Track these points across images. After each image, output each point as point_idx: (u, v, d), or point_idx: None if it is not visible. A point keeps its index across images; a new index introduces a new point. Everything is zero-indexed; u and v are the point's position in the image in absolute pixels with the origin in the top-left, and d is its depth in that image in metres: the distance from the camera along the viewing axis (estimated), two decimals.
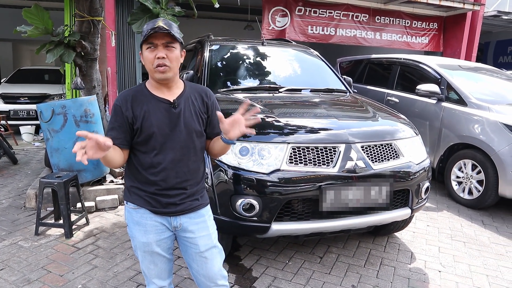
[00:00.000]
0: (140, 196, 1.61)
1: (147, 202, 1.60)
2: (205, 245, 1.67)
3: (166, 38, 1.51)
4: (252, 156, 2.38)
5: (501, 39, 12.66)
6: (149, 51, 1.52)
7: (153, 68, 1.52)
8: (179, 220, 1.63)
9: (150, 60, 1.52)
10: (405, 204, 2.74)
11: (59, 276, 2.65)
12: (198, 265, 1.69)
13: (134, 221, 1.64)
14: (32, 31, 3.66)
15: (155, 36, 1.49)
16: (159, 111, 1.57)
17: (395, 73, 5.66)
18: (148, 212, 1.61)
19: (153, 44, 1.51)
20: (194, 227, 1.65)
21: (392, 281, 2.74)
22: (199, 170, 1.68)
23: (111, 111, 1.60)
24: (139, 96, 1.58)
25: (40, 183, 3.29)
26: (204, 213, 1.70)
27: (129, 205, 1.65)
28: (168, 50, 1.52)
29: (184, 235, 1.67)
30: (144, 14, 3.38)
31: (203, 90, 1.71)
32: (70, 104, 3.86)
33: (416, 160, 2.78)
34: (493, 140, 4.00)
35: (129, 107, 1.55)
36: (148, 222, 1.61)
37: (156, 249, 1.64)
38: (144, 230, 1.62)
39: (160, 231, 1.63)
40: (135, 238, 1.65)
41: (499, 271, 2.95)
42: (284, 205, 2.36)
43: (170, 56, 1.52)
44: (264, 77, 3.61)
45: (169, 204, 1.60)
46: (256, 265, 2.86)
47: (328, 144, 2.46)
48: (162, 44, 1.51)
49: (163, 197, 1.59)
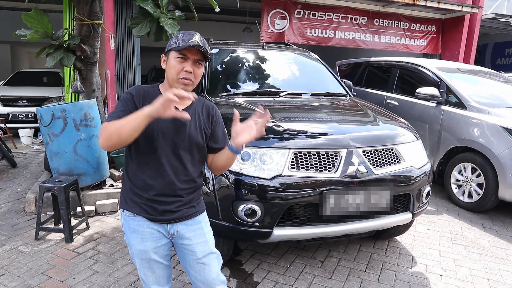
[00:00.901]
0: (137, 204, 1.60)
1: (144, 210, 1.60)
2: (202, 252, 1.67)
3: (199, 55, 1.52)
4: (254, 162, 2.38)
5: (499, 41, 12.71)
6: (178, 61, 1.51)
7: (177, 78, 1.52)
8: (175, 227, 1.64)
9: (177, 70, 1.51)
10: (406, 208, 2.74)
11: (60, 281, 2.64)
12: (196, 271, 1.69)
13: (130, 229, 1.64)
14: (32, 34, 3.65)
15: (189, 50, 1.50)
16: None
17: (395, 76, 5.68)
18: (145, 220, 1.61)
19: (185, 57, 1.51)
20: (191, 234, 1.66)
21: (394, 285, 2.74)
22: (196, 179, 1.67)
23: (122, 97, 1.56)
24: (151, 95, 1.56)
25: (40, 187, 3.27)
26: (201, 220, 1.71)
27: (125, 212, 1.64)
28: (196, 67, 1.53)
29: (181, 242, 1.67)
30: (144, 18, 3.38)
31: (210, 105, 1.72)
32: (70, 108, 3.85)
33: (417, 165, 2.79)
34: (493, 144, 4.01)
35: (140, 100, 1.54)
36: (145, 230, 1.61)
37: (153, 256, 1.64)
38: (141, 237, 1.62)
39: (157, 239, 1.63)
40: (132, 246, 1.65)
41: (500, 275, 2.96)
42: (286, 210, 2.36)
43: (197, 73, 1.54)
44: (264, 81, 3.61)
45: (165, 211, 1.60)
46: (257, 270, 2.85)
47: (329, 149, 2.46)
48: (193, 59, 1.51)
49: (159, 204, 1.59)
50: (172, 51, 1.52)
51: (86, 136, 3.85)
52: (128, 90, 1.58)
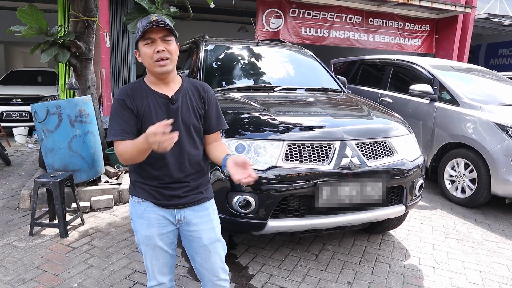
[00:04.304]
0: (144, 190, 1.62)
1: (151, 195, 1.61)
2: (209, 238, 1.68)
3: (163, 31, 1.53)
4: (248, 153, 2.40)
5: (492, 41, 12.84)
6: (147, 46, 1.53)
7: (153, 62, 1.53)
8: (183, 213, 1.64)
9: (150, 55, 1.53)
10: (399, 201, 2.77)
11: (54, 275, 2.63)
12: (202, 258, 1.69)
13: (137, 215, 1.65)
14: (26, 31, 3.65)
15: (151, 30, 1.51)
16: (158, 106, 1.58)
17: (389, 73, 5.72)
18: (152, 205, 1.62)
19: (151, 39, 1.52)
20: (198, 220, 1.66)
21: (387, 277, 2.76)
22: (201, 163, 1.68)
23: (114, 106, 1.58)
24: (138, 91, 1.59)
25: (35, 182, 3.27)
26: (208, 207, 1.71)
27: (133, 198, 1.66)
28: (166, 43, 1.54)
29: (187, 229, 1.67)
30: (139, 13, 3.39)
31: (200, 85, 1.71)
32: (65, 104, 3.84)
33: (410, 158, 2.82)
34: (485, 139, 4.05)
35: (131, 100, 1.56)
36: (151, 216, 1.62)
37: (158, 243, 1.64)
38: (147, 223, 1.62)
39: (163, 225, 1.63)
40: (138, 232, 1.66)
41: (492, 267, 2.99)
42: (280, 202, 2.38)
43: (169, 49, 1.54)
44: (259, 77, 3.64)
45: (172, 196, 1.61)
46: (252, 263, 2.87)
47: (323, 141, 2.48)
48: (159, 38, 1.52)
49: (166, 190, 1.60)
50: (139, 42, 1.55)
51: (81, 132, 3.84)
52: (116, 96, 1.58)
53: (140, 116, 1.56)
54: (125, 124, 1.54)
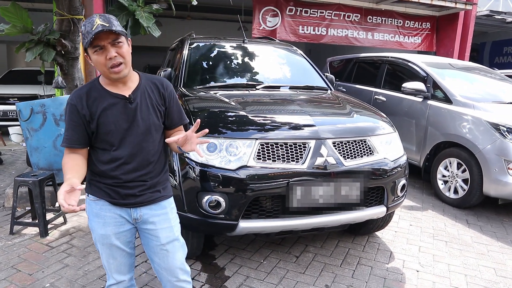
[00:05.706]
0: (100, 188, 1.59)
1: (106, 194, 1.58)
2: (166, 238, 1.65)
3: (111, 36, 1.45)
4: (220, 153, 2.34)
5: (497, 39, 12.62)
6: (97, 54, 1.46)
7: (107, 69, 1.48)
8: (139, 211, 1.61)
9: (102, 63, 1.47)
10: (379, 202, 2.69)
11: (28, 275, 2.61)
12: (160, 258, 1.67)
13: (93, 213, 1.62)
14: (10, 29, 3.63)
15: (99, 37, 1.43)
16: (115, 107, 1.53)
17: (383, 71, 5.62)
18: (108, 204, 1.59)
19: (99, 46, 1.45)
20: (155, 219, 1.64)
21: (368, 280, 2.69)
22: (159, 162, 1.65)
23: (66, 110, 1.54)
24: (93, 94, 1.54)
25: (15, 181, 3.25)
26: (166, 205, 1.68)
27: (89, 197, 1.63)
28: (117, 47, 1.47)
29: (145, 227, 1.65)
30: (120, 11, 3.35)
31: (159, 81, 1.67)
32: (49, 103, 3.83)
33: (392, 157, 2.73)
34: (478, 138, 3.94)
35: (84, 105, 1.51)
36: (107, 214, 1.60)
37: (115, 242, 1.62)
38: (103, 222, 1.60)
39: (119, 224, 1.61)
40: (95, 231, 1.63)
41: (478, 270, 2.90)
42: (252, 202, 2.32)
43: (121, 52, 1.48)
44: (243, 75, 3.57)
45: (128, 195, 1.58)
46: (229, 264, 2.81)
47: (297, 140, 2.41)
48: (109, 44, 1.45)
49: (122, 188, 1.57)
50: (88, 49, 1.48)
51: None
52: (69, 100, 1.53)
53: (94, 120, 1.52)
54: (72, 132, 1.52)
